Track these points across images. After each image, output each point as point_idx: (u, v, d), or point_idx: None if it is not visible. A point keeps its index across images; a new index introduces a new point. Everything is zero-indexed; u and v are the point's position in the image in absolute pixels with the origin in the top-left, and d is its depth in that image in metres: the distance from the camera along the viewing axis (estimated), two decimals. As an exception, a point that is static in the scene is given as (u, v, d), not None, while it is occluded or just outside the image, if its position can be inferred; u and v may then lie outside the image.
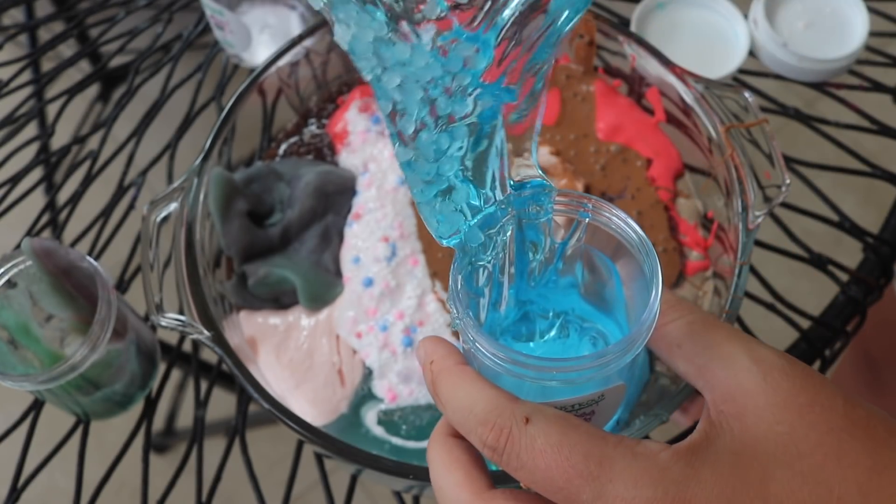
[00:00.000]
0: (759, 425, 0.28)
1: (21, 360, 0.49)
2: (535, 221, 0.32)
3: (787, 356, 0.30)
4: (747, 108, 0.48)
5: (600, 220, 0.32)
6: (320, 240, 0.50)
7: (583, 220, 0.32)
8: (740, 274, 0.44)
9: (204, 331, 0.44)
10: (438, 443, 0.31)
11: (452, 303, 0.30)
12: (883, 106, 0.64)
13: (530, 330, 0.35)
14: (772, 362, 0.29)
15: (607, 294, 0.34)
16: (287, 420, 0.42)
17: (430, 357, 0.32)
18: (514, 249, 0.32)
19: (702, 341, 0.31)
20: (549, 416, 0.28)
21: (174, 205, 0.47)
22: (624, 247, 0.32)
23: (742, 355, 0.29)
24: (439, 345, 0.32)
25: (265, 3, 0.66)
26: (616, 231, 0.31)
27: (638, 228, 0.31)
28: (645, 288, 0.30)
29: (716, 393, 0.29)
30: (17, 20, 0.81)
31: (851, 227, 0.58)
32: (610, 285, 0.33)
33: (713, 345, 0.30)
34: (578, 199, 0.32)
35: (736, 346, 0.30)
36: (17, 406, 0.55)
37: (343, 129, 0.55)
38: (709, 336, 0.31)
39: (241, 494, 0.54)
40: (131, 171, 0.63)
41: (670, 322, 0.32)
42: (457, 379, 0.30)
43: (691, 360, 0.31)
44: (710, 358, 0.30)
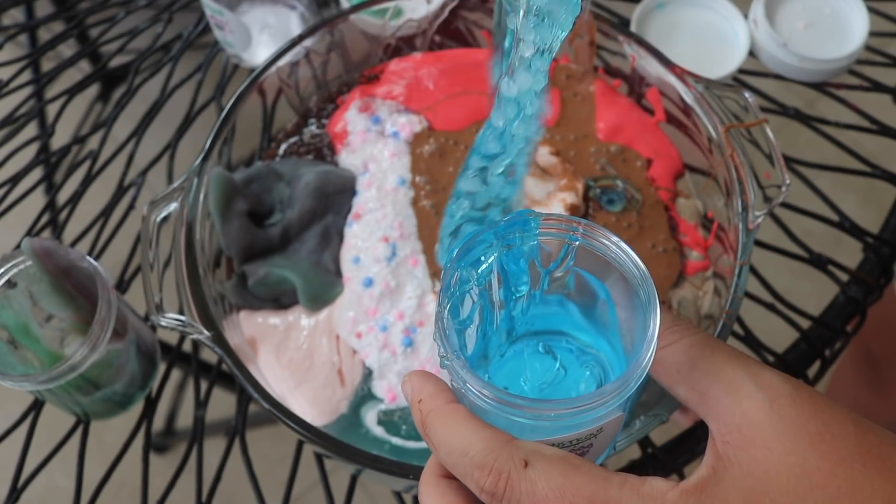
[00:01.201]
0: (769, 457, 0.26)
1: (21, 360, 0.49)
2: (519, 247, 0.31)
3: (792, 380, 0.28)
4: (747, 108, 0.48)
5: (593, 245, 0.31)
6: (320, 240, 0.50)
7: (573, 244, 0.31)
8: (740, 274, 0.44)
9: (204, 331, 0.44)
10: (430, 485, 0.30)
11: (439, 340, 0.29)
12: (883, 106, 0.64)
13: (521, 358, 0.34)
14: (777, 388, 0.28)
15: (599, 315, 0.33)
16: (287, 420, 0.42)
17: (418, 395, 0.30)
18: (500, 277, 0.31)
19: (702, 366, 0.29)
20: (548, 457, 0.27)
21: (174, 205, 0.47)
22: (614, 267, 0.31)
23: (746, 381, 0.28)
24: (427, 381, 0.30)
25: (265, 3, 0.66)
26: (611, 258, 0.30)
27: (633, 255, 0.30)
28: (639, 309, 0.29)
29: (720, 422, 0.28)
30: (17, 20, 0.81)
31: (851, 227, 0.58)
32: (602, 306, 0.32)
33: (715, 370, 0.29)
34: (567, 223, 0.31)
35: (739, 371, 0.28)
36: (17, 406, 0.55)
37: (343, 129, 0.55)
38: (710, 360, 0.29)
39: (241, 494, 0.54)
40: (131, 171, 0.63)
41: (668, 345, 0.30)
42: (449, 419, 0.29)
43: (692, 386, 0.29)
44: (712, 384, 0.29)
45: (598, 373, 0.33)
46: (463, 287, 0.30)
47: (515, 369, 0.33)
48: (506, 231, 0.30)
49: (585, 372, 0.33)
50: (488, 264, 0.30)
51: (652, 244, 0.50)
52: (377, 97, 0.56)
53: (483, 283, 0.31)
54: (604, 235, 0.30)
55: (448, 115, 0.55)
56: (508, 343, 0.34)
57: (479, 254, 0.30)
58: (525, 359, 0.34)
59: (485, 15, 0.58)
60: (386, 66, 0.57)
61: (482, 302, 0.31)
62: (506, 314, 0.33)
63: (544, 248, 0.31)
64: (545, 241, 0.31)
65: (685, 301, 0.49)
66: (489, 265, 0.30)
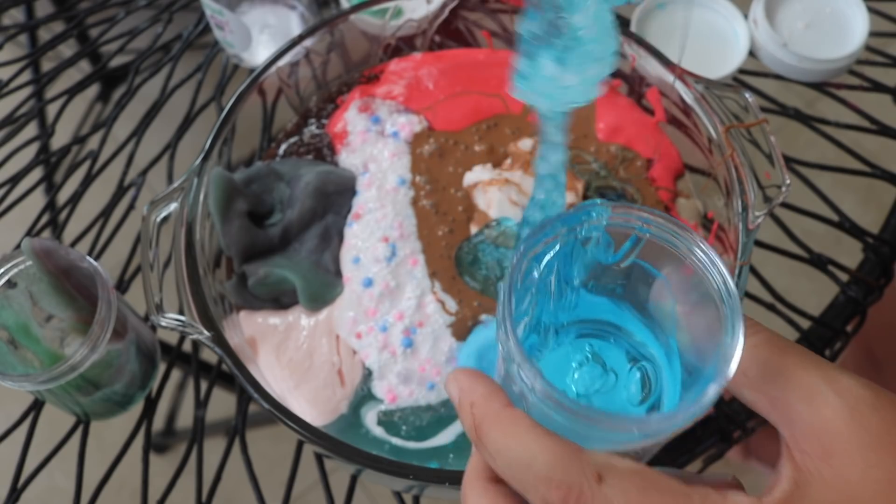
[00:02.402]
0: (852, 470, 0.25)
1: (21, 360, 0.49)
2: (585, 238, 0.30)
3: (870, 385, 0.27)
4: (747, 108, 0.48)
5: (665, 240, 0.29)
6: (320, 240, 0.50)
7: (642, 237, 0.29)
8: (740, 274, 0.44)
9: (204, 331, 0.44)
10: (477, 491, 0.28)
11: (509, 343, 0.27)
12: (883, 106, 0.64)
13: (568, 356, 0.32)
14: (857, 394, 0.26)
15: (654, 307, 0.31)
16: (287, 420, 0.42)
17: (470, 397, 0.27)
18: (561, 267, 0.30)
19: (772, 368, 0.27)
20: (623, 472, 0.25)
21: (174, 205, 0.47)
22: (679, 259, 0.29)
23: (822, 386, 0.26)
24: (478, 382, 0.28)
25: (265, 3, 0.66)
26: (686, 257, 0.29)
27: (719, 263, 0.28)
28: (706, 308, 0.28)
29: (795, 430, 0.26)
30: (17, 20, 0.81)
31: (851, 227, 0.58)
32: (660, 299, 0.31)
33: (787, 373, 0.27)
34: (638, 214, 0.29)
35: (814, 375, 0.27)
36: (17, 406, 0.55)
37: (343, 129, 0.55)
38: (780, 362, 0.27)
39: (241, 494, 0.54)
40: (131, 171, 0.63)
41: None
42: (508, 427, 0.26)
43: (762, 389, 0.27)
44: (785, 389, 0.27)
45: (650, 373, 0.32)
46: (528, 279, 0.29)
47: (562, 367, 0.32)
48: (573, 221, 0.29)
49: (636, 373, 0.32)
50: (554, 254, 0.29)
51: (652, 244, 0.50)
52: (377, 97, 0.56)
53: (548, 274, 0.29)
54: (681, 233, 0.29)
55: (448, 115, 0.55)
56: (556, 335, 0.32)
57: (546, 244, 0.29)
58: (572, 357, 0.32)
59: (485, 15, 0.58)
60: (386, 66, 0.57)
61: (539, 293, 0.30)
62: (559, 305, 0.32)
63: (610, 238, 0.30)
64: (612, 231, 0.30)
65: (685, 301, 0.49)
66: (554, 256, 0.29)
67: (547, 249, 0.29)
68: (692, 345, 0.29)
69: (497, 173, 0.51)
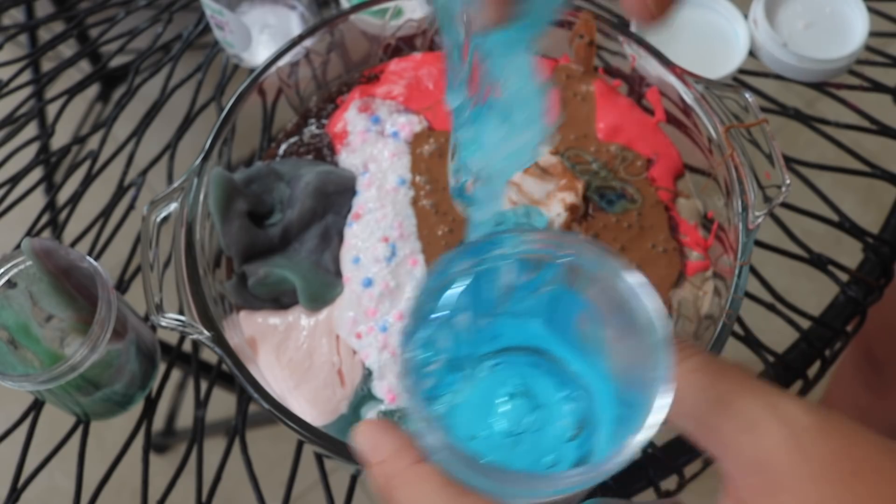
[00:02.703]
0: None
1: (21, 360, 0.49)
2: (498, 267, 0.28)
3: (815, 409, 0.25)
4: (747, 109, 0.48)
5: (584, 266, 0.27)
6: (320, 240, 0.50)
7: (558, 261, 0.27)
8: (740, 274, 0.44)
9: (204, 331, 0.44)
10: None
11: (411, 393, 0.24)
12: (883, 106, 0.64)
13: (493, 392, 0.30)
14: (801, 421, 0.24)
15: (581, 333, 0.29)
16: (287, 420, 0.42)
17: (378, 454, 0.25)
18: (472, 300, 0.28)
19: (710, 395, 0.25)
20: None
21: (174, 205, 0.47)
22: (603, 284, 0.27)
23: (764, 413, 0.24)
24: (387, 436, 0.25)
25: (265, 3, 0.66)
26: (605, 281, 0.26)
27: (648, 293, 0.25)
28: (632, 333, 0.25)
29: (737, 463, 0.24)
30: (17, 20, 0.81)
31: (851, 227, 0.58)
32: (586, 324, 0.29)
33: (725, 400, 0.25)
34: (554, 240, 0.27)
35: (753, 402, 0.24)
36: (17, 406, 0.55)
37: (343, 129, 0.55)
38: (718, 388, 0.25)
39: (241, 494, 0.54)
40: (131, 171, 0.63)
41: None
42: (417, 487, 0.24)
43: (699, 419, 0.25)
44: (724, 418, 0.25)
45: (582, 406, 0.29)
46: (429, 319, 0.26)
47: (488, 403, 0.30)
48: (483, 251, 0.27)
49: (567, 407, 0.29)
50: (464, 289, 0.27)
51: (652, 244, 0.50)
52: (377, 97, 0.56)
53: (460, 308, 0.27)
54: (603, 258, 0.26)
55: (448, 115, 0.55)
56: (478, 368, 0.30)
57: (453, 278, 0.27)
58: (500, 391, 0.30)
59: (485, 15, 0.58)
60: (386, 66, 0.57)
61: (453, 329, 0.28)
62: (478, 338, 0.29)
63: (527, 264, 0.28)
64: (529, 258, 0.28)
65: (685, 301, 0.49)
66: (463, 291, 0.27)
67: (456, 283, 0.27)
68: (625, 374, 0.27)
69: (497, 173, 0.51)
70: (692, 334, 0.48)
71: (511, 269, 0.28)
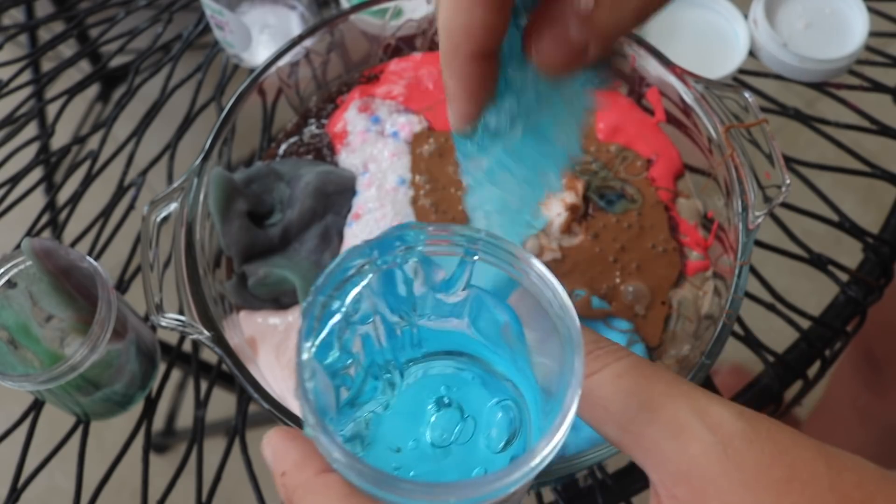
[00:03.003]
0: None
1: (21, 360, 0.49)
2: (401, 266, 0.26)
3: (746, 414, 0.23)
4: (747, 109, 0.48)
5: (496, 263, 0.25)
6: (320, 240, 0.50)
7: (470, 259, 0.26)
8: (740, 274, 0.44)
9: (204, 331, 0.44)
10: None
11: (301, 399, 0.23)
12: (883, 106, 0.64)
13: (419, 401, 0.28)
14: (730, 427, 0.23)
15: (505, 336, 0.27)
16: (287, 420, 0.42)
17: (281, 465, 0.24)
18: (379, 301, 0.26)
19: (636, 400, 0.24)
20: None
21: (174, 205, 0.47)
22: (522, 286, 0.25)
23: (691, 419, 0.23)
24: (292, 446, 0.24)
25: (265, 3, 0.66)
26: (520, 277, 0.25)
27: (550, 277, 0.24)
28: (553, 336, 0.24)
29: (664, 472, 0.23)
30: (17, 20, 0.81)
31: (851, 227, 0.58)
32: (507, 327, 0.27)
33: (652, 405, 0.23)
34: (463, 237, 0.25)
35: (681, 407, 0.23)
36: (17, 406, 0.55)
37: (342, 129, 0.55)
38: (644, 393, 0.24)
39: (241, 494, 0.54)
40: (131, 171, 0.63)
41: (592, 374, 0.24)
42: (320, 497, 0.23)
43: (625, 426, 0.24)
44: (650, 423, 0.23)
45: (512, 412, 0.28)
46: (329, 320, 0.24)
47: (417, 412, 0.28)
48: (382, 247, 0.25)
49: (497, 413, 0.28)
50: (361, 288, 0.25)
51: (652, 244, 0.50)
52: (377, 97, 0.56)
53: (358, 312, 0.25)
54: (512, 253, 0.25)
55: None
56: (403, 375, 0.28)
57: (351, 277, 0.25)
58: (427, 400, 0.28)
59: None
60: (386, 66, 0.57)
61: (364, 332, 0.26)
62: (395, 343, 0.28)
63: (437, 264, 0.26)
64: (437, 256, 0.26)
65: (685, 301, 0.49)
66: (364, 289, 0.25)
67: (354, 283, 0.25)
68: (548, 377, 0.25)
69: (497, 173, 0.51)
70: (692, 334, 0.48)
71: (417, 267, 0.26)
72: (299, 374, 0.23)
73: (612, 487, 0.49)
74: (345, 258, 0.25)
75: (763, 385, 0.53)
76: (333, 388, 0.25)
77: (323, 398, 0.24)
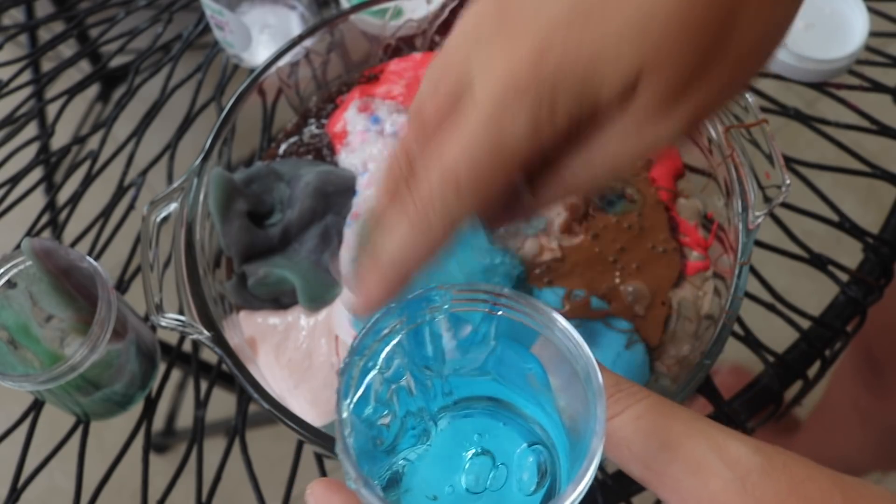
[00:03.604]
0: None
1: (21, 360, 0.49)
2: (430, 324, 0.27)
3: (762, 449, 0.25)
4: (747, 109, 0.48)
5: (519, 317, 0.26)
6: (320, 240, 0.50)
7: (495, 314, 0.27)
8: (740, 274, 0.44)
9: (204, 331, 0.44)
10: None
11: (344, 457, 0.24)
12: (883, 106, 0.64)
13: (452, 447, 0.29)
14: (747, 462, 0.24)
15: (532, 383, 0.29)
16: (287, 420, 0.42)
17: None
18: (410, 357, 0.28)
19: (657, 441, 0.25)
20: None
21: (174, 205, 0.47)
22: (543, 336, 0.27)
23: (710, 456, 0.24)
24: (335, 499, 0.25)
25: (265, 3, 0.66)
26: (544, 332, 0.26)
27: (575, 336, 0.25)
28: (576, 382, 0.25)
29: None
30: (18, 20, 0.81)
31: (851, 228, 0.58)
32: (532, 375, 0.29)
33: (672, 444, 0.25)
34: (487, 295, 0.27)
35: (700, 444, 0.25)
36: (17, 406, 0.55)
37: (342, 128, 0.55)
38: (664, 433, 0.25)
39: (242, 494, 0.54)
40: (131, 171, 0.63)
41: (614, 417, 0.26)
42: None
43: (648, 464, 0.25)
44: (671, 461, 0.25)
45: (541, 454, 0.29)
46: (364, 378, 0.26)
47: (453, 459, 0.29)
48: (412, 309, 0.27)
49: (528, 457, 0.29)
50: (393, 347, 0.27)
51: (652, 245, 0.50)
52: (377, 97, 0.56)
53: (391, 368, 0.27)
54: (534, 306, 0.26)
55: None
56: (437, 423, 0.30)
57: (384, 337, 0.27)
58: (461, 447, 0.29)
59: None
60: (386, 66, 0.57)
61: (398, 386, 0.28)
62: (427, 395, 0.29)
63: (463, 319, 0.28)
64: (463, 312, 0.27)
65: (685, 301, 0.49)
66: (396, 347, 0.27)
67: (386, 342, 0.27)
68: (573, 419, 0.27)
69: (497, 173, 0.51)
70: (692, 334, 0.48)
71: (445, 324, 0.27)
72: (340, 431, 0.25)
73: (612, 487, 0.49)
74: (377, 321, 0.26)
75: (763, 385, 0.53)
76: (371, 438, 0.27)
77: (362, 450, 0.25)
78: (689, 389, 0.41)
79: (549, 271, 0.48)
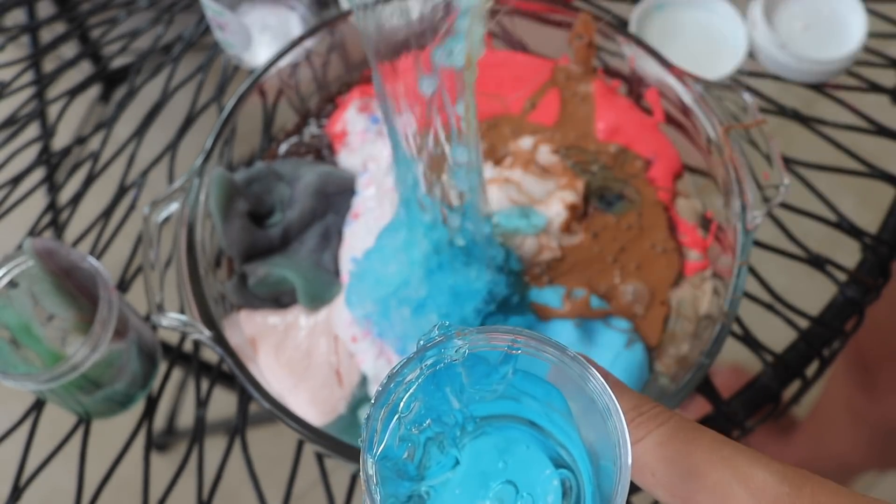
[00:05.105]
0: None
1: (23, 359, 0.50)
2: (449, 367, 0.27)
3: (788, 476, 0.24)
4: (746, 109, 0.48)
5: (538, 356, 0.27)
6: (320, 240, 0.50)
7: (514, 353, 0.27)
8: (739, 274, 0.44)
9: (205, 330, 0.44)
10: None
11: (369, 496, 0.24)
12: (881, 107, 0.64)
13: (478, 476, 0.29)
14: (772, 491, 0.24)
15: (550, 410, 0.29)
16: (287, 420, 0.42)
17: None
18: (431, 401, 0.28)
19: (680, 468, 0.25)
20: None
21: (175, 205, 0.47)
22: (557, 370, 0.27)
23: (734, 485, 0.24)
24: None
25: (265, 4, 0.67)
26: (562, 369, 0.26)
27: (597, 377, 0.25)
28: (594, 409, 0.25)
29: None
30: (19, 21, 0.82)
31: (850, 228, 0.58)
32: (552, 403, 0.29)
33: (696, 472, 0.25)
34: (502, 336, 0.27)
35: (723, 472, 0.24)
36: (18, 405, 0.55)
37: (342, 129, 0.55)
38: (687, 460, 0.25)
39: (242, 494, 0.54)
40: (132, 171, 0.63)
41: (636, 443, 0.26)
42: None
43: (672, 491, 0.25)
44: (695, 490, 0.24)
45: (565, 477, 0.29)
46: (387, 427, 0.27)
47: (473, 490, 0.29)
48: (432, 356, 0.27)
49: (553, 481, 0.29)
50: (414, 394, 0.27)
51: (651, 244, 0.50)
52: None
53: (411, 411, 0.27)
54: (551, 346, 0.26)
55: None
56: (458, 447, 0.30)
57: (405, 385, 0.27)
58: (483, 476, 0.29)
59: (484, 16, 0.58)
60: (386, 66, 0.57)
61: (420, 426, 0.28)
62: (450, 432, 0.29)
63: (482, 358, 0.28)
64: (481, 352, 0.27)
65: (684, 301, 0.49)
66: (416, 393, 0.27)
67: (406, 389, 0.27)
68: (594, 441, 0.27)
69: (497, 172, 0.51)
70: (691, 334, 0.48)
71: (464, 367, 0.28)
72: (367, 486, 0.25)
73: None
74: (397, 371, 0.27)
75: (762, 384, 0.54)
76: (395, 471, 0.27)
77: (384, 478, 0.26)
78: (688, 389, 0.41)
79: (549, 270, 0.48)
